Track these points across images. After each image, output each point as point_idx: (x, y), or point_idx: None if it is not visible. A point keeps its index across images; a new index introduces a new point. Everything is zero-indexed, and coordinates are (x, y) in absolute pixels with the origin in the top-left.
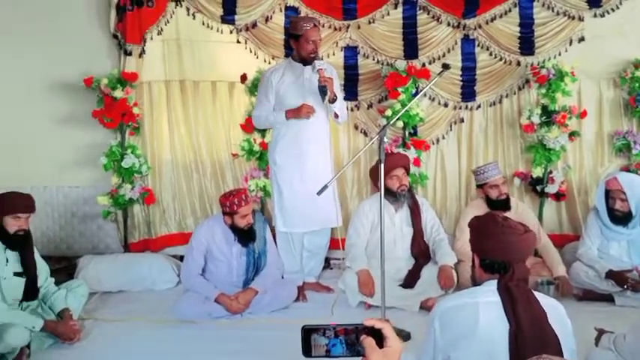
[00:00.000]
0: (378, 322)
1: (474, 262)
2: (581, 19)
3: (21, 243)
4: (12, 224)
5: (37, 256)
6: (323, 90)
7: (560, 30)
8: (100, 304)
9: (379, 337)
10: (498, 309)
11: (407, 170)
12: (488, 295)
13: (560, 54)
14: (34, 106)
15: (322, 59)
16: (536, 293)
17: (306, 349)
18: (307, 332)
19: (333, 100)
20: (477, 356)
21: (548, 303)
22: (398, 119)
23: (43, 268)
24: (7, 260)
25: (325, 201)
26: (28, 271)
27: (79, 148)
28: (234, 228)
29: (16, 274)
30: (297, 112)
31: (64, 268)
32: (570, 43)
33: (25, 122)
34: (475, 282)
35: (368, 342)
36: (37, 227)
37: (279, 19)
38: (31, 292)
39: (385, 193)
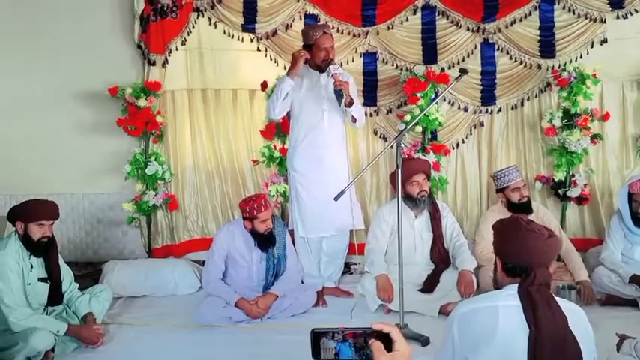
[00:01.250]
0: (386, 326)
1: (496, 265)
2: (603, 21)
3: (45, 249)
4: (36, 231)
5: (61, 261)
6: (339, 93)
7: (581, 32)
8: (124, 308)
9: (388, 341)
10: (518, 313)
11: (428, 176)
12: (508, 299)
13: (581, 56)
14: (61, 115)
15: (336, 64)
16: (557, 298)
17: (316, 352)
18: (316, 335)
19: (349, 104)
20: None
21: (569, 307)
22: (416, 124)
23: (67, 274)
24: (31, 266)
25: (342, 206)
26: (53, 276)
27: (104, 155)
28: (254, 233)
29: (41, 279)
30: (294, 65)
31: (90, 274)
32: (592, 46)
33: (53, 131)
34: (497, 285)
35: (376, 345)
36: (63, 234)
37: (299, 26)
38: (55, 296)
39: (405, 199)
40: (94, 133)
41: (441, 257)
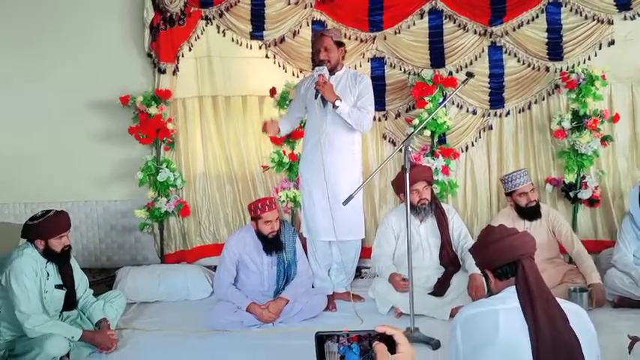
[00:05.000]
0: (389, 329)
1: (487, 278)
2: (610, 22)
3: (68, 256)
4: (57, 244)
5: (76, 268)
6: (316, 95)
7: (589, 34)
8: (138, 314)
9: (391, 344)
10: (518, 314)
11: (429, 183)
12: (507, 302)
13: (589, 58)
14: (74, 124)
15: (324, 66)
16: (557, 299)
17: (321, 356)
18: (321, 339)
19: (334, 105)
20: None
21: (569, 308)
22: (424, 128)
23: (82, 280)
24: (48, 274)
25: (348, 213)
26: (68, 282)
27: (116, 163)
28: (259, 235)
29: (57, 286)
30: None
31: (104, 280)
32: (600, 47)
33: (66, 140)
34: (493, 294)
35: (379, 348)
36: (78, 240)
37: (307, 33)
38: (70, 302)
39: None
40: (106, 142)
41: (450, 260)
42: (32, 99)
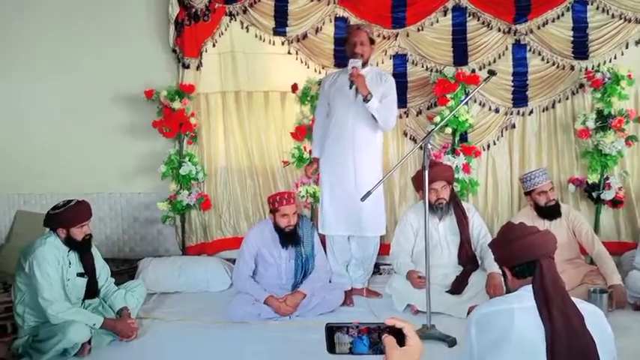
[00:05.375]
0: (399, 322)
1: (505, 275)
2: (637, 21)
3: (90, 244)
4: (79, 233)
5: (98, 257)
6: (351, 85)
7: (615, 33)
8: (158, 304)
9: (401, 337)
10: (534, 314)
11: (449, 182)
12: (523, 301)
13: (615, 57)
14: (99, 117)
15: (359, 59)
16: (573, 298)
17: (331, 347)
18: (331, 330)
19: (366, 99)
20: None
21: (585, 308)
22: (446, 125)
23: (103, 269)
24: (69, 263)
25: (369, 208)
26: (89, 270)
27: (140, 156)
28: (276, 228)
29: (79, 274)
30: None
31: (126, 270)
32: (627, 46)
33: (91, 132)
34: (510, 292)
35: (388, 341)
36: (101, 231)
37: (329, 29)
38: (92, 290)
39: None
40: (131, 135)
41: (468, 259)
42: (59, 92)
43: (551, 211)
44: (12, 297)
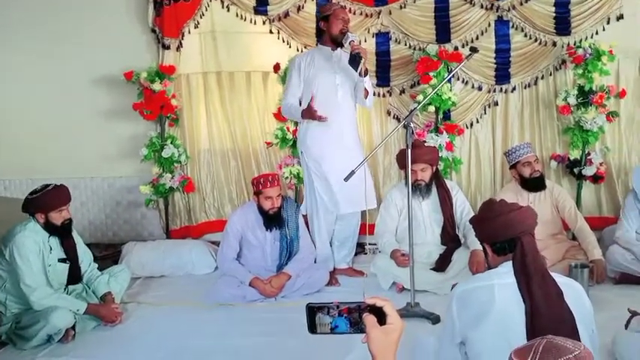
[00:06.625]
0: (379, 301)
1: (486, 252)
2: None
3: (70, 229)
4: (57, 217)
5: (80, 243)
6: (355, 59)
7: (597, 8)
8: (143, 288)
9: (381, 315)
10: (514, 290)
11: (432, 165)
12: (503, 277)
13: (597, 33)
14: (79, 100)
15: (355, 34)
16: (553, 273)
17: (312, 327)
18: (312, 310)
19: (366, 73)
20: (493, 336)
21: (564, 282)
22: (429, 104)
23: (86, 254)
24: (50, 248)
25: (361, 183)
26: (71, 255)
27: (121, 139)
28: (260, 210)
29: (60, 260)
30: (309, 115)
31: (110, 255)
32: (608, 22)
33: (71, 116)
34: (491, 268)
35: (369, 320)
36: (84, 216)
37: (311, 8)
38: (74, 276)
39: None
40: (111, 118)
41: (450, 238)
42: (37, 76)
43: (535, 183)
44: None
